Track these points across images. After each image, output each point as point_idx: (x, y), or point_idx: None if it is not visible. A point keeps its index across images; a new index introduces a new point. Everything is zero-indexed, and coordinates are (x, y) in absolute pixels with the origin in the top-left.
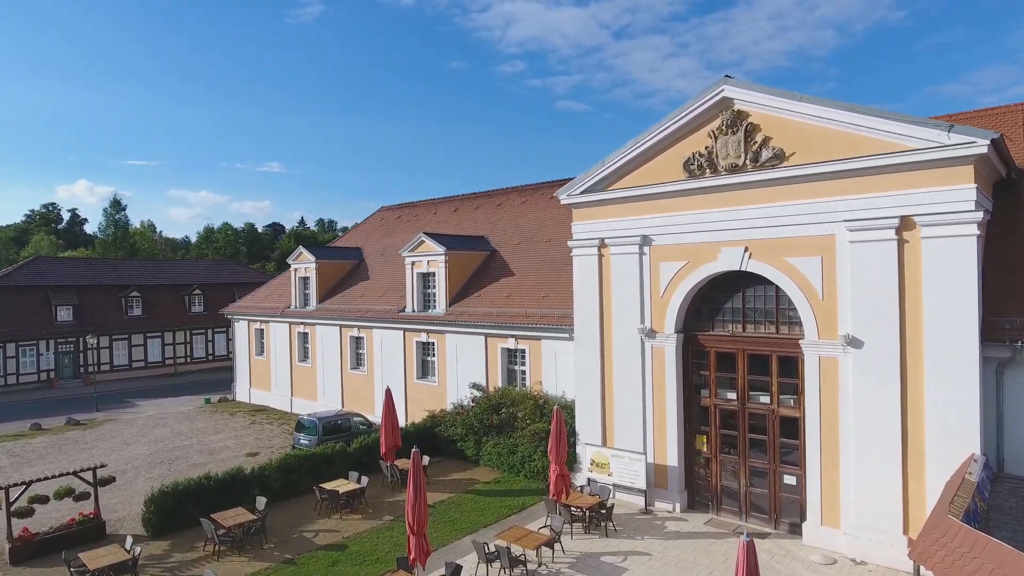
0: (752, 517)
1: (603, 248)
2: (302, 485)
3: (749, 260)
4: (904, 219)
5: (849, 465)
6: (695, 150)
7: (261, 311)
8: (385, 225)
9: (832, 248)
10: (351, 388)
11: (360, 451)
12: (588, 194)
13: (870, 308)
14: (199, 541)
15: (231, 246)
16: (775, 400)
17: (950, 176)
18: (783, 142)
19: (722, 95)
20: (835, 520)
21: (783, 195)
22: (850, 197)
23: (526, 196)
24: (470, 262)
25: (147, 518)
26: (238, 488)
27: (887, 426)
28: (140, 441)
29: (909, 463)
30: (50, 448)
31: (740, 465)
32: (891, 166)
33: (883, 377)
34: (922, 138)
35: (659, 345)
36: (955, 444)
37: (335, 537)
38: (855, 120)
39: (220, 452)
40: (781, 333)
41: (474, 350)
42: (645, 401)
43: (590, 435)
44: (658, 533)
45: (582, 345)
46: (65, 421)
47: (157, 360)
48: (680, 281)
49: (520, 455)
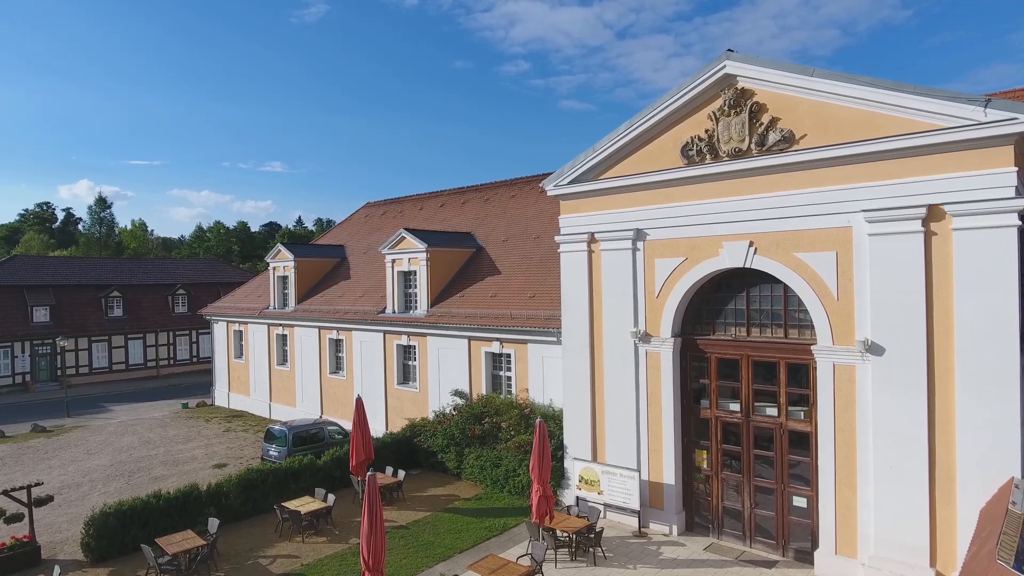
0: (757, 542)
1: (593, 243)
2: (264, 503)
3: (754, 256)
4: (932, 209)
5: (868, 487)
6: (694, 134)
7: (240, 312)
8: (370, 222)
9: (849, 242)
10: (330, 393)
11: (331, 464)
12: (577, 184)
13: (892, 310)
14: (142, 569)
15: (223, 245)
16: (783, 413)
17: (986, 159)
18: (792, 123)
19: (724, 71)
20: (851, 549)
21: (793, 183)
22: (869, 184)
23: (515, 190)
24: (454, 260)
25: (86, 542)
26: (190, 508)
27: (912, 444)
28: (104, 451)
29: (938, 487)
30: (7, 458)
31: (744, 484)
32: (917, 148)
33: (908, 389)
34: (954, 115)
35: (654, 350)
36: (992, 467)
37: (294, 564)
38: (875, 96)
39: (186, 463)
40: (790, 338)
41: (457, 354)
42: (639, 412)
43: (579, 449)
44: (652, 560)
45: (570, 350)
46: (30, 428)
47: (139, 362)
48: (677, 280)
49: (504, 469)
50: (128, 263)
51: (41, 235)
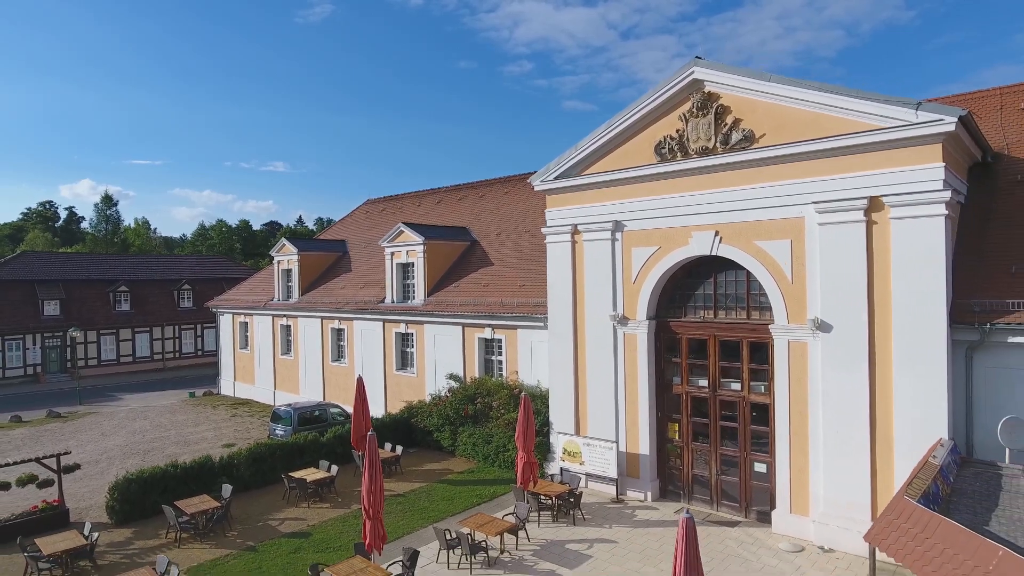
0: (723, 506)
1: (576, 235)
2: (273, 475)
3: (720, 244)
4: (872, 200)
5: (818, 452)
6: (666, 133)
7: (245, 304)
8: (370, 217)
9: (801, 231)
10: (332, 380)
11: (333, 441)
12: (561, 180)
13: (839, 291)
14: (162, 529)
15: (225, 243)
16: (746, 387)
17: (918, 156)
18: (753, 124)
19: (692, 77)
20: (804, 508)
21: (753, 177)
22: (819, 179)
23: (509, 187)
24: (450, 252)
25: (111, 505)
26: (205, 477)
27: (855, 412)
28: (118, 433)
29: (878, 450)
30: (27, 439)
31: (711, 453)
32: (859, 146)
33: (851, 361)
34: (890, 116)
35: (631, 332)
36: (923, 430)
37: (300, 525)
38: (823, 99)
39: (197, 443)
40: (752, 319)
41: (452, 340)
42: (617, 389)
43: (563, 424)
44: (627, 522)
45: (556, 333)
46: (46, 414)
47: (145, 355)
48: (652, 267)
49: (495, 445)
50: (135, 259)
51: (45, 233)
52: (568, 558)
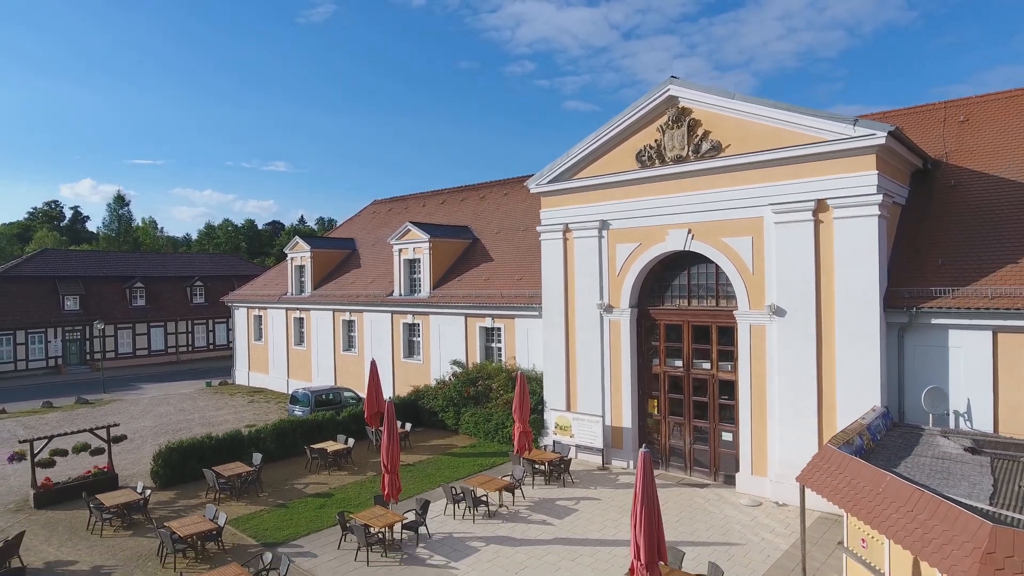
0: (695, 471)
1: (567, 233)
2: (295, 448)
3: (692, 241)
4: (819, 202)
5: (775, 421)
6: (646, 143)
7: (259, 298)
8: (377, 217)
9: (761, 229)
10: (343, 369)
11: (348, 419)
12: (554, 183)
13: (792, 281)
14: (201, 491)
15: (231, 242)
16: (715, 366)
17: (856, 164)
18: (720, 135)
19: (668, 94)
20: (763, 470)
21: (720, 182)
22: (775, 183)
23: (508, 189)
24: (453, 249)
25: (155, 471)
26: (236, 447)
27: (806, 385)
28: (146, 416)
29: (824, 418)
30: (62, 421)
31: (685, 425)
32: (808, 156)
33: (802, 341)
34: (832, 131)
35: (616, 319)
36: (861, 399)
37: (323, 488)
38: (778, 115)
39: (220, 425)
40: (720, 306)
41: (455, 329)
42: (603, 370)
43: (555, 402)
44: (610, 484)
45: (549, 321)
46: (75, 400)
47: (160, 349)
48: (634, 261)
49: (495, 423)
50: (149, 257)
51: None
52: (558, 511)
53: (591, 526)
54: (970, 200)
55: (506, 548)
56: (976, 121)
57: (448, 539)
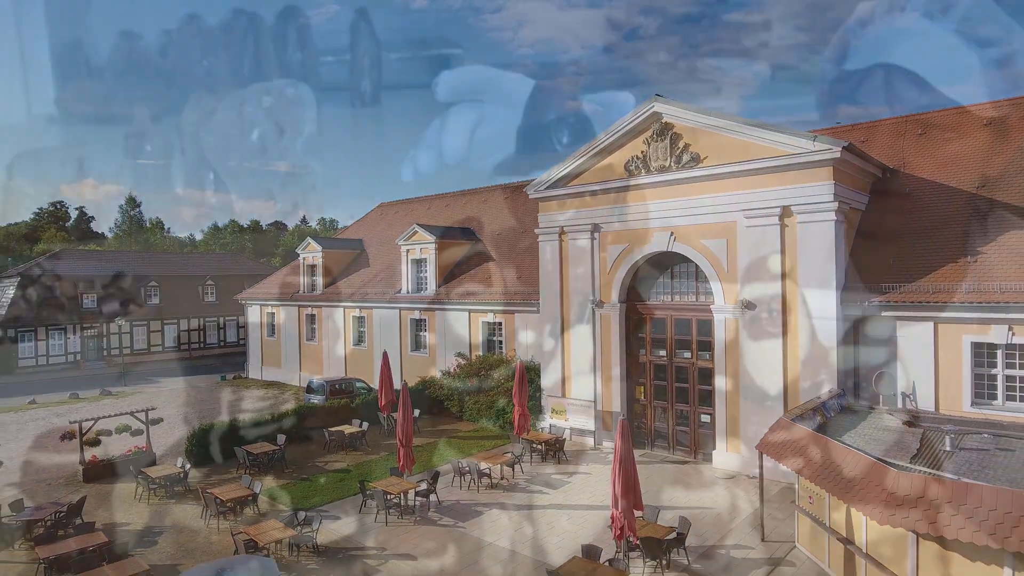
0: (678, 450)
1: (563, 235)
2: (314, 431)
3: (674, 242)
4: (784, 208)
5: (747, 404)
6: (634, 154)
7: (272, 296)
8: (384, 219)
9: (734, 232)
10: (353, 362)
11: (361, 406)
12: (551, 190)
13: (760, 279)
14: (231, 469)
15: (236, 242)
16: (695, 355)
17: (816, 175)
18: (699, 148)
19: (653, 110)
20: (736, 448)
21: (699, 190)
22: (746, 191)
23: (508, 193)
24: (457, 249)
25: (189, 450)
26: (261, 429)
27: (772, 372)
28: (169, 405)
29: (789, 401)
30: (93, 410)
31: (669, 409)
32: (774, 167)
33: (769, 332)
34: (795, 145)
35: (606, 313)
36: (820, 383)
37: (341, 464)
38: (748, 131)
39: (242, 412)
40: (699, 301)
41: (459, 324)
42: (595, 359)
43: (552, 389)
44: (601, 461)
45: (546, 315)
46: (99, 392)
47: (173, 345)
48: (623, 261)
49: (496, 410)
50: (162, 257)
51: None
52: (553, 483)
53: (582, 494)
54: (921, 206)
55: (507, 512)
56: (931, 134)
57: (456, 505)
